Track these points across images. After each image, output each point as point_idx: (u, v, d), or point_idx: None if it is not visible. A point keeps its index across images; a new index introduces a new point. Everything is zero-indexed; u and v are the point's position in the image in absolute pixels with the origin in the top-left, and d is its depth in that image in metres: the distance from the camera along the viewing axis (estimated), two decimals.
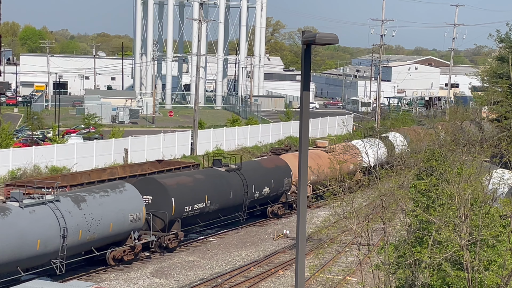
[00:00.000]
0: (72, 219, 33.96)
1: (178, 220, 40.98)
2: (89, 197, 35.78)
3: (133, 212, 37.61)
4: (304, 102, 13.94)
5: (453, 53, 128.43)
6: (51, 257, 33.49)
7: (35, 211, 32.78)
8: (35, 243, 32.18)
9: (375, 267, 24.67)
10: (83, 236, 34.66)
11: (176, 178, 42.74)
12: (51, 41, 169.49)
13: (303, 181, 14.25)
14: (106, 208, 36.15)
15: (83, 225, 34.52)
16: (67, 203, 34.41)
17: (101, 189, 37.38)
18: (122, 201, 37.32)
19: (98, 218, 35.43)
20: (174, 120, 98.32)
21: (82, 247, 35.43)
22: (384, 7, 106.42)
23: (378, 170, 29.31)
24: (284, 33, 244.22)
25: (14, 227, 31.46)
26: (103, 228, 35.80)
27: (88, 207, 35.15)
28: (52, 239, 32.97)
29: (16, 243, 31.41)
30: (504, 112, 66.02)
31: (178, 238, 41.19)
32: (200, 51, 67.81)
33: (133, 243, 38.07)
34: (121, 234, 37.38)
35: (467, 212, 21.88)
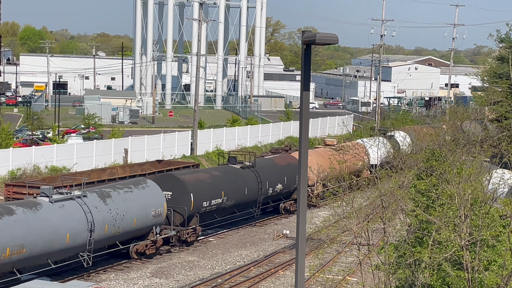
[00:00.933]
0: (98, 214, 35.31)
1: (197, 215, 42.21)
2: (114, 193, 37.15)
3: (155, 207, 38.99)
4: (304, 102, 13.94)
5: (453, 53, 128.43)
6: (79, 250, 34.81)
7: (64, 206, 34.15)
8: (64, 237, 33.58)
9: (375, 267, 24.66)
10: (109, 230, 36.04)
11: (194, 174, 44.22)
12: (51, 41, 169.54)
13: (303, 181, 14.24)
14: (130, 203, 37.50)
15: (108, 220, 35.90)
16: (94, 198, 35.78)
17: (125, 185, 38.76)
18: (145, 197, 38.67)
19: (123, 213, 36.74)
20: (174, 120, 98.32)
21: (107, 241, 36.81)
22: (384, 7, 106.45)
23: (378, 170, 29.30)
24: (284, 33, 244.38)
25: (45, 221, 32.77)
26: (127, 223, 37.14)
27: (113, 203, 36.52)
28: (80, 233, 34.35)
29: (47, 237, 32.70)
30: (504, 112, 66.01)
31: (196, 232, 42.48)
32: (200, 51, 67.81)
33: (155, 237, 39.38)
34: (144, 229, 38.75)
35: (467, 212, 21.88)
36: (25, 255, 31.88)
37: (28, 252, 31.96)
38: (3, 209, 31.89)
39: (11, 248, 31.09)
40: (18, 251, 31.50)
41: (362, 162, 56.02)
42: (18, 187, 41.23)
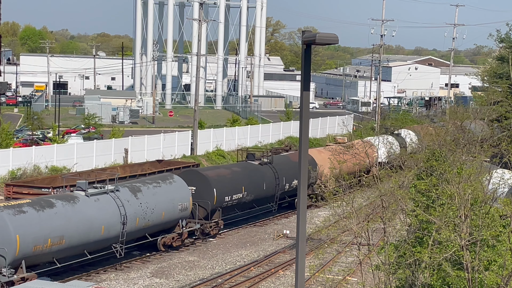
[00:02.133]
0: (130, 207, 37.18)
1: (219, 209, 44.15)
2: (144, 188, 39.04)
3: (182, 202, 40.91)
4: (304, 102, 13.94)
5: (453, 53, 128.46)
6: (112, 242, 36.67)
7: (99, 199, 36.00)
8: (100, 229, 35.43)
9: (375, 267, 24.66)
10: (140, 223, 37.91)
11: (216, 170, 46.70)
12: (51, 41, 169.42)
13: (303, 181, 14.24)
14: (158, 197, 39.34)
15: (139, 213, 37.77)
16: (126, 192, 37.65)
17: (154, 180, 40.68)
18: (172, 191, 40.53)
19: (152, 207, 38.58)
20: (174, 120, 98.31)
21: (138, 233, 38.59)
22: (384, 7, 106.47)
23: (379, 169, 29.30)
24: (284, 33, 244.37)
25: (82, 214, 34.70)
26: (156, 216, 39.01)
27: (143, 197, 38.38)
28: (114, 225, 36.20)
29: (84, 229, 34.59)
30: (504, 112, 66.00)
31: (218, 226, 44.43)
32: (200, 51, 67.81)
33: (181, 230, 41.28)
34: (171, 222, 40.72)
35: (467, 212, 21.87)
36: (64, 245, 33.73)
37: (67, 243, 33.80)
38: (44, 202, 33.71)
39: (52, 239, 32.98)
40: (58, 242, 33.35)
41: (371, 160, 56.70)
42: (18, 187, 41.26)
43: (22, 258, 32.01)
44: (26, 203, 33.11)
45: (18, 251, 31.63)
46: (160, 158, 56.98)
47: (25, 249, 31.89)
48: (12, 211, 32.05)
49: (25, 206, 32.73)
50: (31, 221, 32.32)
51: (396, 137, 64.74)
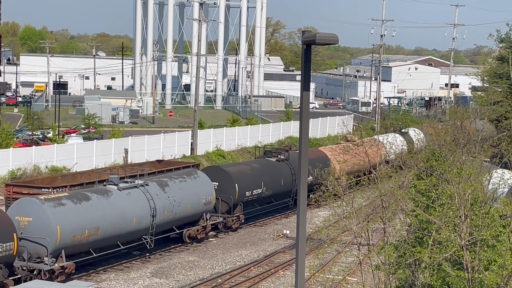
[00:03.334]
0: (159, 200, 39.19)
1: (240, 204, 46.23)
2: (170, 182, 41.04)
3: (206, 196, 43.05)
4: (304, 102, 13.94)
5: (453, 53, 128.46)
6: (142, 234, 38.57)
7: (130, 193, 37.91)
8: (131, 221, 37.36)
9: (375, 267, 24.66)
10: (168, 215, 39.96)
11: (237, 166, 48.66)
12: (51, 41, 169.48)
13: (303, 181, 14.24)
14: (185, 192, 41.33)
15: (167, 206, 39.81)
16: (154, 187, 39.57)
17: (179, 176, 42.64)
18: (197, 186, 42.64)
19: (179, 200, 40.59)
20: (174, 120, 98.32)
21: (166, 226, 40.51)
22: (384, 7, 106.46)
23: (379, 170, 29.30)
24: (284, 33, 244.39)
25: (116, 207, 36.61)
26: (183, 210, 41.10)
27: (171, 191, 40.41)
28: (145, 218, 38.16)
29: (117, 220, 36.50)
30: (504, 112, 66.02)
31: (239, 220, 46.39)
32: (200, 51, 67.81)
33: (205, 223, 43.37)
34: (196, 215, 42.78)
35: (467, 212, 21.87)
36: (99, 236, 35.58)
37: (102, 234, 35.70)
38: (81, 195, 35.58)
39: (89, 230, 34.89)
40: (94, 233, 35.22)
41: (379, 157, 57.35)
42: (18, 187, 41.19)
43: (62, 248, 33.77)
44: (64, 196, 34.96)
45: (59, 241, 33.41)
46: (160, 158, 56.94)
47: (65, 239, 33.67)
48: (52, 204, 33.75)
49: (63, 199, 34.57)
50: (69, 213, 34.10)
51: (404, 136, 66.34)
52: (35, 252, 33.25)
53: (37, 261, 33.26)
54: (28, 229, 33.10)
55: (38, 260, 33.26)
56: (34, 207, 33.43)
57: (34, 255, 33.26)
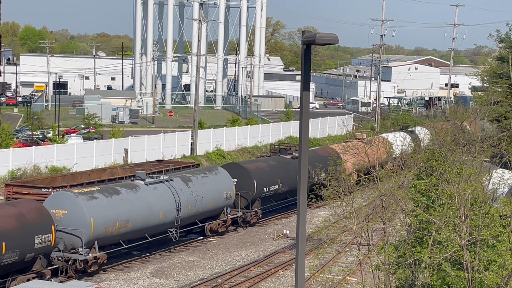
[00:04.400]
0: (183, 195, 41.02)
1: (258, 199, 47.91)
2: (193, 178, 42.96)
3: (226, 191, 44.88)
4: (304, 102, 13.94)
5: (453, 53, 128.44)
6: (168, 227, 40.43)
7: (156, 188, 39.74)
8: (158, 214, 39.18)
9: (375, 267, 24.65)
10: (191, 209, 41.83)
11: (255, 163, 50.21)
12: (51, 41, 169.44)
13: (303, 181, 14.24)
14: (207, 187, 43.18)
15: (191, 201, 41.69)
16: (179, 182, 41.46)
17: (201, 172, 44.84)
18: (218, 181, 44.46)
19: (202, 195, 42.47)
20: (174, 120, 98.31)
21: (189, 219, 42.34)
22: (384, 7, 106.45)
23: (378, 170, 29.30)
24: (284, 33, 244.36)
25: (143, 201, 38.38)
26: (205, 204, 42.96)
27: (194, 186, 42.28)
28: (170, 211, 40.03)
29: (145, 214, 38.29)
30: (504, 112, 65.97)
31: (257, 215, 48.13)
32: (200, 51, 67.80)
33: (225, 217, 45.24)
34: (217, 210, 44.65)
35: (467, 212, 21.87)
36: (129, 228, 37.37)
37: (132, 226, 37.49)
38: (111, 190, 37.42)
39: (120, 222, 36.66)
40: (124, 225, 37.02)
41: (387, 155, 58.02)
42: (18, 187, 41.22)
43: (95, 239, 35.47)
44: (96, 190, 36.70)
45: (92, 233, 35.13)
46: (160, 158, 56.94)
47: (98, 231, 35.41)
48: (86, 197, 35.54)
49: (95, 193, 36.30)
50: (102, 206, 35.85)
51: (411, 134, 67.31)
52: (70, 243, 34.98)
53: (72, 251, 34.95)
54: (63, 221, 34.77)
55: (73, 250, 34.97)
56: (69, 201, 35.19)
57: (69, 246, 34.97)
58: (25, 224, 32.26)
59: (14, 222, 31.92)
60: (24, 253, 32.04)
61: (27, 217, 32.58)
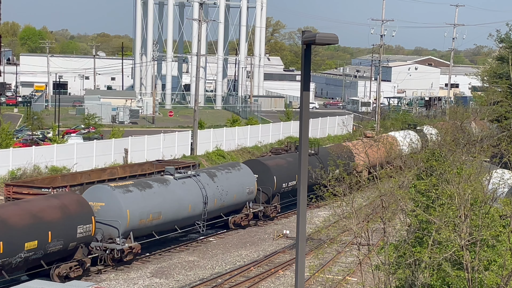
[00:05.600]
0: (210, 189, 43.20)
1: (278, 195, 49.81)
2: (218, 173, 45.07)
3: (249, 186, 46.91)
4: (304, 102, 13.94)
5: (453, 53, 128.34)
6: (196, 219, 42.50)
7: (185, 182, 41.89)
8: (187, 207, 41.29)
9: (375, 267, 24.64)
10: (217, 203, 43.97)
11: (275, 160, 51.66)
12: (51, 41, 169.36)
13: (303, 181, 14.24)
14: (231, 182, 45.22)
15: (217, 195, 43.79)
16: (205, 177, 43.66)
17: (225, 167, 46.90)
18: (241, 177, 46.49)
19: (226, 190, 44.52)
20: (174, 120, 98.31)
21: (215, 213, 44.47)
22: (384, 7, 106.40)
23: (378, 170, 29.30)
24: (284, 33, 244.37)
25: (174, 194, 40.41)
26: (230, 198, 45.09)
27: (219, 181, 44.38)
28: (198, 205, 42.14)
29: (175, 206, 40.34)
30: (504, 112, 65.97)
31: (276, 209, 50.16)
32: (200, 51, 67.80)
33: (248, 211, 47.26)
34: (240, 204, 46.76)
35: (467, 212, 21.86)
36: (161, 220, 39.38)
37: (163, 218, 39.46)
38: (144, 184, 39.45)
39: (153, 214, 38.64)
40: (157, 217, 39.03)
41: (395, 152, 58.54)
42: (18, 187, 41.19)
43: (130, 230, 37.49)
44: (130, 184, 38.77)
45: (128, 224, 37.14)
46: (160, 158, 56.92)
47: (133, 222, 37.44)
48: (121, 190, 37.56)
49: (130, 187, 38.35)
50: (136, 199, 37.87)
51: (418, 133, 68.30)
52: (107, 233, 36.90)
53: (109, 241, 36.84)
54: (101, 213, 36.51)
55: (110, 240, 36.86)
56: (106, 193, 37.16)
57: (106, 236, 36.87)
58: (68, 215, 33.99)
59: (59, 213, 33.71)
60: (67, 242, 33.75)
61: (69, 208, 34.37)
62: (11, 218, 31.68)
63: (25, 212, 32.48)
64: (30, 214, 32.51)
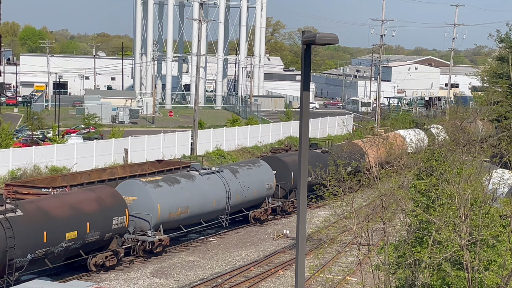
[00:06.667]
0: (232, 185, 45.03)
1: (295, 190, 50.57)
2: (240, 169, 47.01)
3: (268, 182, 48.69)
4: (304, 102, 13.93)
5: (453, 53, 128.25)
6: (219, 213, 44.48)
7: (210, 178, 43.92)
8: (212, 202, 43.28)
9: (375, 267, 24.64)
10: (239, 198, 45.78)
11: (292, 157, 53.08)
12: (51, 41, 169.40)
13: (303, 181, 14.23)
14: (251, 178, 47.08)
15: (239, 190, 45.67)
16: (228, 173, 45.57)
17: (246, 164, 48.98)
18: (261, 173, 48.30)
19: (248, 185, 46.37)
20: (174, 120, 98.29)
21: (237, 207, 46.35)
22: (384, 7, 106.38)
23: (378, 169, 29.30)
24: (284, 33, 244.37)
25: (200, 189, 42.42)
26: (251, 193, 46.91)
27: (241, 177, 46.24)
28: (222, 199, 44.12)
29: (201, 201, 42.31)
30: (504, 112, 66.00)
31: (293, 204, 51.33)
32: (200, 51, 67.78)
33: (267, 206, 49.02)
34: (260, 199, 48.58)
35: (467, 212, 21.86)
36: (188, 214, 41.37)
37: (190, 212, 41.42)
38: (172, 179, 41.48)
39: (181, 208, 40.69)
40: (184, 211, 41.02)
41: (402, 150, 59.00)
42: (18, 187, 41.15)
43: (161, 223, 39.38)
44: (160, 179, 40.72)
45: (159, 217, 39.07)
46: (160, 158, 56.91)
47: (163, 215, 39.38)
48: (152, 185, 39.56)
49: (160, 182, 40.29)
50: (166, 193, 39.80)
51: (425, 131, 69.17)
52: (139, 226, 38.82)
53: (141, 234, 38.81)
54: (133, 207, 38.24)
55: (142, 233, 38.83)
56: (138, 188, 39.10)
57: (138, 229, 38.82)
58: (104, 207, 35.87)
59: (95, 205, 35.61)
60: (104, 232, 35.63)
61: (105, 201, 36.24)
62: (53, 210, 33.48)
63: (65, 204, 34.33)
64: (70, 206, 34.40)
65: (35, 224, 32.08)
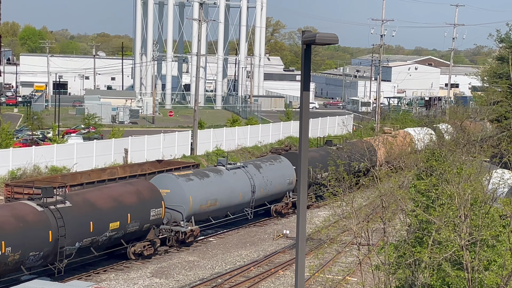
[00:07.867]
0: (256, 179, 47.45)
1: (313, 185, 52.10)
2: (263, 165, 49.38)
3: (289, 177, 50.89)
4: (304, 102, 13.93)
5: (453, 53, 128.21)
6: (244, 207, 46.88)
7: (236, 173, 46.17)
8: (238, 195, 45.65)
9: (375, 267, 24.64)
10: (263, 192, 48.01)
11: (310, 153, 52.99)
12: (51, 41, 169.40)
13: (303, 180, 14.23)
14: (274, 173, 49.44)
15: (262, 184, 47.94)
16: (252, 168, 47.95)
17: (268, 160, 51.12)
18: (282, 168, 50.71)
19: (270, 180, 48.66)
20: (174, 120, 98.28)
21: (260, 201, 48.71)
22: (384, 7, 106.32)
23: (378, 169, 29.30)
24: (284, 33, 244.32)
25: (227, 183, 44.82)
26: (273, 188, 49.21)
27: (264, 172, 48.61)
28: (247, 193, 46.51)
29: (229, 194, 44.68)
30: (504, 112, 66.01)
31: (312, 199, 53.65)
32: (200, 51, 67.77)
33: (288, 200, 51.03)
34: (281, 193, 50.89)
35: (467, 212, 21.86)
36: (217, 207, 43.66)
37: (219, 204, 43.74)
38: (202, 173, 44.09)
39: (211, 201, 43.01)
40: (213, 204, 43.31)
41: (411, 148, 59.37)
42: (18, 187, 41.14)
43: (192, 215, 41.72)
44: (191, 173, 43.19)
45: (191, 209, 41.45)
46: (160, 158, 56.90)
47: (195, 207, 41.81)
48: (184, 179, 42.05)
49: (191, 176, 42.77)
50: (197, 187, 42.19)
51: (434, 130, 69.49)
52: (173, 217, 41.07)
53: (174, 224, 41.12)
54: (167, 199, 40.27)
55: (175, 224, 41.14)
56: (171, 181, 41.47)
57: (171, 220, 41.11)
58: (142, 200, 38.30)
59: (135, 197, 38.03)
60: (142, 223, 38.15)
61: (143, 193, 38.67)
62: (98, 202, 35.88)
63: (108, 196, 36.78)
64: (112, 198, 36.83)
65: (83, 214, 34.49)
